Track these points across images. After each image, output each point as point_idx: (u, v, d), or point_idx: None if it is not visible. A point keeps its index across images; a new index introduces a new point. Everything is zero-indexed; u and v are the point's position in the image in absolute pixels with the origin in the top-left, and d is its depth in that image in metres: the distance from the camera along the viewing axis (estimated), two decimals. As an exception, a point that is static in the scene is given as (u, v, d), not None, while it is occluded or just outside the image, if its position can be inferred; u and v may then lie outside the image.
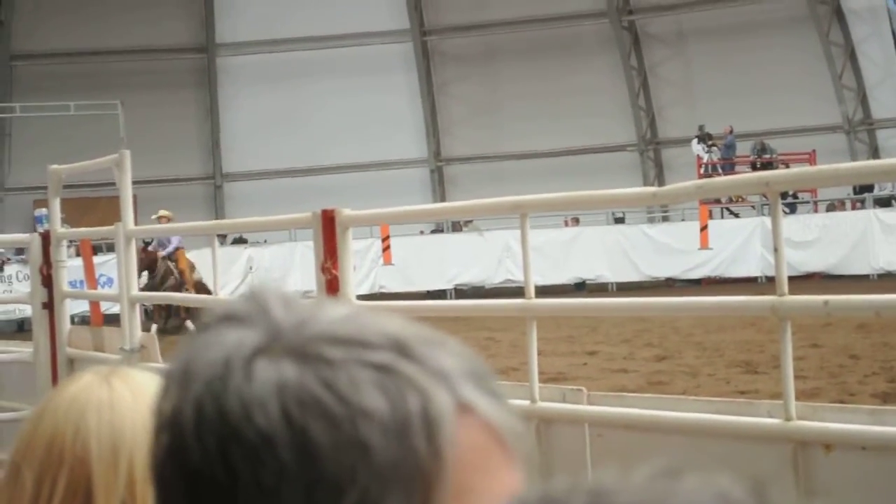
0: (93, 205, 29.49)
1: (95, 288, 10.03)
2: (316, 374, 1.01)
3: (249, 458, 0.99)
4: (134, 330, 6.96)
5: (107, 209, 20.60)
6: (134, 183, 7.30)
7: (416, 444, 1.00)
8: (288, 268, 29.02)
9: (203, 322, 1.09)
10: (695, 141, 36.06)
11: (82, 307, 14.82)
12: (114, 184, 7.19)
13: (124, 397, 1.94)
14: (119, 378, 1.98)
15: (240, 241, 31.96)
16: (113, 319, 7.99)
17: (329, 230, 5.27)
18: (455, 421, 1.02)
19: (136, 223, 7.39)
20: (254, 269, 29.43)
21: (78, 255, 11.73)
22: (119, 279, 7.23)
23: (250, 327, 1.05)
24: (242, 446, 0.99)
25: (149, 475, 1.09)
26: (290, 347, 1.03)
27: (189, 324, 21.59)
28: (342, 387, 1.00)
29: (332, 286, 5.22)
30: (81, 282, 10.39)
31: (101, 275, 19.81)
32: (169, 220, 22.78)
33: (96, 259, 10.94)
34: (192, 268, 24.81)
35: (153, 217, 23.17)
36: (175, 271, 24.48)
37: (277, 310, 1.06)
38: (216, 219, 34.59)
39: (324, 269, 5.26)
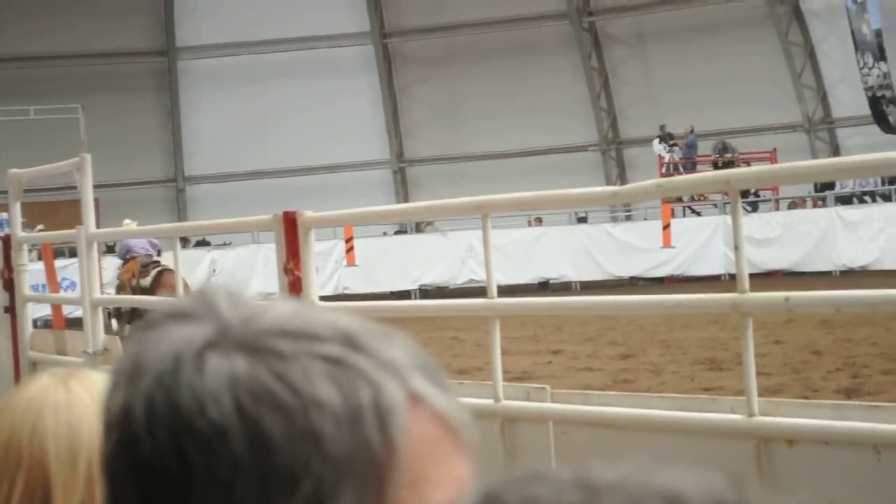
0: (54, 209, 29.26)
1: (57, 291, 9.98)
2: (268, 367, 1.01)
3: (203, 451, 0.99)
4: (97, 333, 6.93)
5: (68, 213, 20.45)
6: (95, 187, 7.27)
7: (368, 434, 1.00)
8: (251, 270, 28.95)
9: (150, 320, 1.09)
10: (656, 141, 36.23)
11: (45, 311, 14.74)
12: (75, 188, 7.15)
13: (81, 398, 1.93)
14: (76, 379, 1.98)
15: (202, 243, 31.82)
16: (76, 323, 7.95)
17: (291, 232, 5.26)
18: (406, 411, 1.03)
19: (97, 227, 7.36)
20: (217, 272, 29.31)
21: (40, 259, 11.68)
22: (81, 282, 7.19)
23: (199, 323, 1.05)
24: (196, 439, 0.99)
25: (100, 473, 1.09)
26: (240, 341, 1.03)
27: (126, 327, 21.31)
28: (294, 379, 1.00)
29: (295, 287, 5.22)
30: (44, 285, 10.33)
31: (64, 278, 19.69)
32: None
33: (58, 263, 10.87)
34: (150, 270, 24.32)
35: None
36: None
37: (225, 306, 1.06)
38: (179, 222, 34.43)
39: (286, 271, 5.25)
